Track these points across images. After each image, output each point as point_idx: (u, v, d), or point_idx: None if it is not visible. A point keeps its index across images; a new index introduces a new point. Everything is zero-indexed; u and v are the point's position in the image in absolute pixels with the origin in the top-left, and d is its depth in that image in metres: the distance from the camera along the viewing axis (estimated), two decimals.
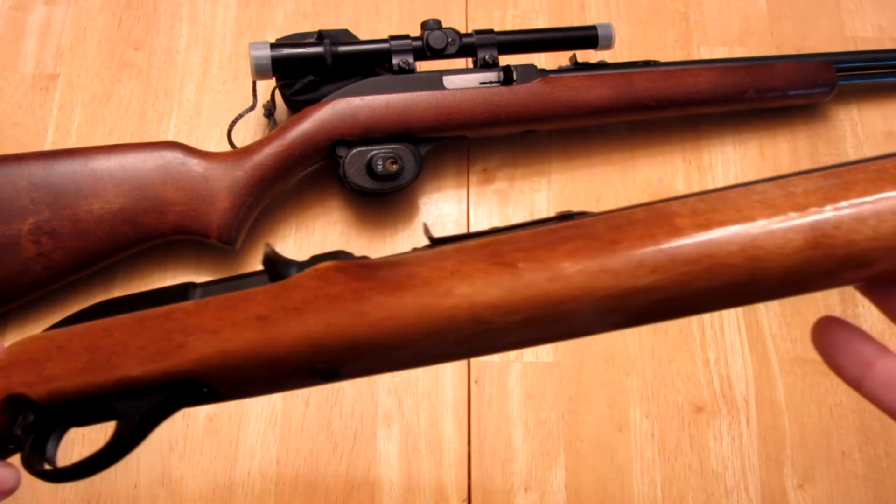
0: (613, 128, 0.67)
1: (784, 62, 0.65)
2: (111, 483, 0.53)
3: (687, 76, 0.62)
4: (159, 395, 0.31)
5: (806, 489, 0.55)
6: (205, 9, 0.69)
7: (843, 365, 0.31)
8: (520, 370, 0.58)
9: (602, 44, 0.62)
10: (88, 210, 0.54)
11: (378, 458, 0.55)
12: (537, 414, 0.56)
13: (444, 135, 0.60)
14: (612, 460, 0.56)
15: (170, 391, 0.31)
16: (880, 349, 0.30)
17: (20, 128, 0.64)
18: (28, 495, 0.52)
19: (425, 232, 0.31)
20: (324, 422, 0.55)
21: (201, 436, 0.55)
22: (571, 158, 0.66)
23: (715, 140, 0.67)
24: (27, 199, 0.54)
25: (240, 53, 0.67)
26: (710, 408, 0.57)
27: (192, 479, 0.54)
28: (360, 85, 0.58)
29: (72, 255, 0.54)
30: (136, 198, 0.55)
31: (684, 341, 0.59)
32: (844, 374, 0.31)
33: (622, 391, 0.57)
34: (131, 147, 0.57)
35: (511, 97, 0.59)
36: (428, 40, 0.60)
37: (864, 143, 0.68)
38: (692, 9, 0.73)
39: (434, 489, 0.54)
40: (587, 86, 0.61)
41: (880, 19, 0.73)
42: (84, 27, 0.68)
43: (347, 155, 0.58)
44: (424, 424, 0.56)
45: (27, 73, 0.66)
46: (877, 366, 0.30)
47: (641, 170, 0.66)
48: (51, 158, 0.55)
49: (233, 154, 0.57)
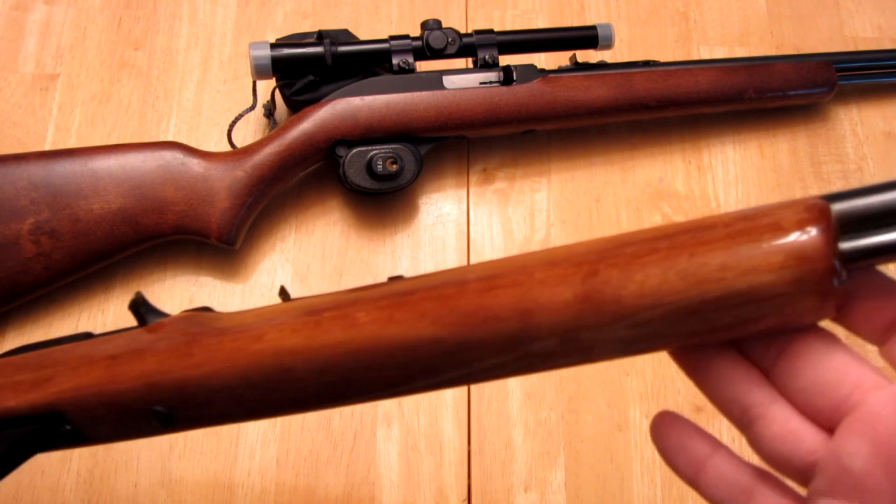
0: (613, 128, 0.67)
1: (784, 62, 0.65)
2: (111, 483, 0.53)
3: (687, 76, 0.62)
4: (27, 426, 0.32)
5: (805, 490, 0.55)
6: (205, 9, 0.69)
7: (678, 464, 0.31)
8: None
9: (602, 44, 0.62)
10: (88, 210, 0.54)
11: (378, 458, 0.55)
12: (537, 414, 0.56)
13: (443, 135, 0.60)
14: (612, 460, 0.56)
15: (36, 424, 0.32)
16: (712, 446, 0.30)
17: (20, 128, 0.64)
18: (28, 495, 0.52)
19: (280, 294, 0.34)
20: (324, 422, 0.55)
21: (201, 436, 0.55)
22: (571, 158, 0.66)
23: (715, 140, 0.67)
24: (27, 199, 0.54)
25: (240, 53, 0.67)
26: (710, 408, 0.57)
27: (192, 479, 0.54)
28: (360, 85, 0.58)
29: (72, 255, 0.54)
30: (136, 198, 0.55)
31: None
32: (680, 472, 0.31)
33: (622, 391, 0.57)
34: (131, 147, 0.57)
35: (511, 97, 0.59)
36: (428, 40, 0.60)
37: (863, 143, 0.68)
38: (692, 9, 0.73)
39: (434, 489, 0.54)
40: (587, 86, 0.61)
41: (880, 19, 0.73)
42: (84, 27, 0.68)
43: (347, 155, 0.58)
44: (424, 424, 0.56)
45: (27, 73, 0.66)
46: (707, 465, 0.30)
47: (641, 170, 0.66)
48: (51, 158, 0.55)
49: (233, 154, 0.57)
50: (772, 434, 0.28)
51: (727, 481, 0.29)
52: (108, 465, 0.53)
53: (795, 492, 0.29)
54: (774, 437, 0.28)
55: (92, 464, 0.53)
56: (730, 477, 0.29)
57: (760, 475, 0.29)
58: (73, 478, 0.53)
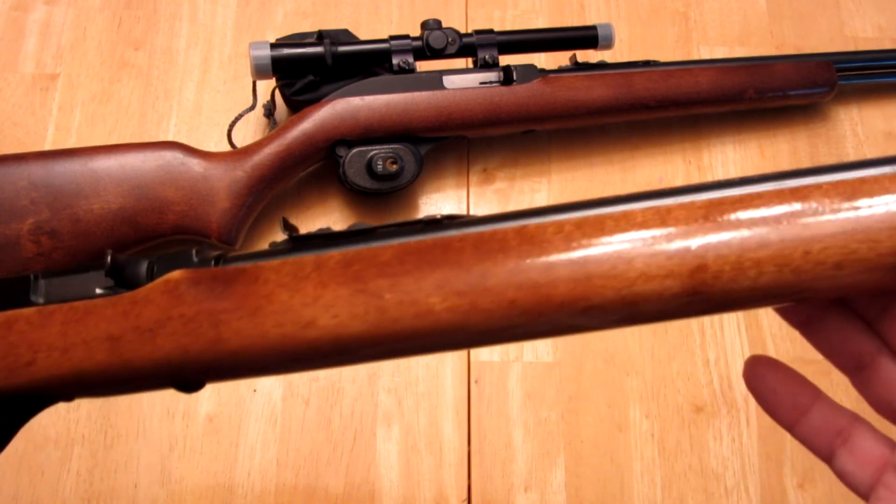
0: (613, 128, 0.67)
1: (784, 62, 0.65)
2: (111, 483, 0.53)
3: (687, 76, 0.62)
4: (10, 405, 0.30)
5: (806, 489, 0.55)
6: (205, 9, 0.69)
7: (778, 411, 0.31)
8: (520, 370, 0.58)
9: (602, 44, 0.62)
10: (88, 210, 0.54)
11: (378, 458, 0.55)
12: (537, 414, 0.56)
13: (444, 135, 0.60)
14: (612, 460, 0.56)
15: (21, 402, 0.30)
16: (815, 393, 0.31)
17: (20, 128, 0.64)
18: (28, 495, 0.52)
19: (284, 227, 0.30)
20: (324, 422, 0.55)
21: (201, 436, 0.55)
22: (571, 158, 0.66)
23: (715, 140, 0.67)
24: (27, 199, 0.54)
25: (240, 53, 0.67)
26: (709, 408, 0.57)
27: (192, 479, 0.54)
28: (360, 85, 0.58)
29: (72, 255, 0.54)
30: (136, 198, 0.55)
31: (684, 341, 0.59)
32: (778, 418, 0.31)
33: (622, 391, 0.57)
34: (131, 147, 0.57)
35: (511, 97, 0.59)
36: (428, 40, 0.59)
37: (864, 143, 0.68)
38: (692, 9, 0.73)
39: (434, 489, 0.54)
40: (587, 86, 0.61)
41: (880, 19, 0.73)
42: (84, 27, 0.68)
43: (347, 155, 0.58)
44: (424, 424, 0.56)
45: (27, 73, 0.66)
46: (811, 411, 0.31)
47: (641, 170, 0.66)
48: (51, 158, 0.55)
49: (233, 154, 0.57)
50: (880, 380, 0.29)
51: (825, 427, 0.30)
52: (108, 465, 0.53)
53: (887, 436, 0.30)
54: (882, 383, 0.29)
55: (92, 464, 0.53)
56: (828, 423, 0.30)
57: (856, 418, 0.30)
58: (73, 478, 0.53)
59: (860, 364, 0.30)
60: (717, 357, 0.59)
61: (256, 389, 0.56)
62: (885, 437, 0.30)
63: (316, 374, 0.57)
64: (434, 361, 0.57)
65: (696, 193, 0.27)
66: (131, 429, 0.54)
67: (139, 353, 0.28)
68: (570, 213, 0.28)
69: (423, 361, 0.57)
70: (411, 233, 0.29)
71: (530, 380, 0.57)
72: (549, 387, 0.57)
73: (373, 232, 0.29)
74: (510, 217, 0.28)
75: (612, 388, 0.57)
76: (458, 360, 0.58)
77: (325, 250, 0.29)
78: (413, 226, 0.29)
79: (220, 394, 0.56)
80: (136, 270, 0.29)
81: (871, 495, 0.29)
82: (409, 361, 0.57)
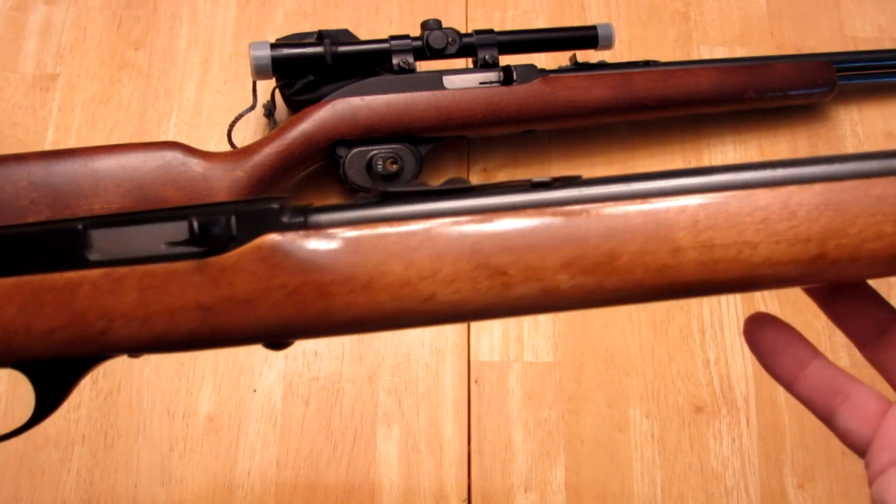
0: (613, 128, 0.67)
1: (784, 62, 0.65)
2: (111, 483, 0.53)
3: (687, 76, 0.62)
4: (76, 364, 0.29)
5: (806, 489, 0.55)
6: (205, 9, 0.69)
7: (777, 368, 0.32)
8: (520, 370, 0.58)
9: (602, 44, 0.62)
10: (89, 210, 0.54)
11: (378, 458, 0.55)
12: (537, 414, 0.56)
13: (444, 135, 0.60)
14: (612, 460, 0.56)
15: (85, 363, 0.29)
16: (813, 351, 0.32)
17: (20, 128, 0.64)
18: (28, 495, 0.52)
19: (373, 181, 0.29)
20: (324, 422, 0.55)
21: (201, 436, 0.55)
22: (571, 158, 0.66)
23: (715, 140, 0.67)
24: (27, 199, 0.54)
25: (240, 53, 0.67)
26: (710, 408, 0.57)
27: (192, 479, 0.54)
28: (360, 85, 0.58)
29: None
30: (137, 198, 0.55)
31: (684, 341, 0.59)
32: (777, 375, 0.32)
33: (622, 391, 0.57)
34: (131, 147, 0.57)
35: (511, 97, 0.59)
36: (428, 40, 0.60)
37: (864, 143, 0.68)
38: (692, 9, 0.73)
39: (434, 489, 0.54)
40: (587, 86, 0.61)
41: (880, 19, 0.73)
42: (84, 27, 0.68)
43: (347, 155, 0.58)
44: (424, 424, 0.56)
45: (27, 73, 0.66)
46: (809, 369, 0.31)
47: (641, 170, 0.65)
48: (51, 158, 0.55)
49: (233, 154, 0.57)
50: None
51: (825, 385, 0.31)
52: (108, 465, 0.53)
53: (884, 395, 0.31)
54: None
55: (92, 464, 0.53)
56: (828, 381, 0.31)
57: (853, 379, 0.31)
58: (73, 478, 0.53)
59: (879, 333, 0.31)
60: (717, 357, 0.59)
61: (256, 389, 0.56)
62: (884, 395, 0.31)
63: (316, 374, 0.57)
64: (434, 361, 0.58)
65: (807, 166, 0.28)
66: (131, 429, 0.55)
67: (235, 323, 0.27)
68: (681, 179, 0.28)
69: (423, 361, 0.57)
70: (519, 194, 0.28)
71: (530, 380, 0.57)
72: (549, 387, 0.57)
73: (473, 190, 0.28)
74: (621, 180, 0.28)
75: (612, 388, 0.57)
76: (459, 360, 0.58)
77: (422, 206, 0.27)
78: (520, 187, 0.28)
79: (220, 394, 0.56)
80: (215, 229, 0.27)
81: (870, 446, 0.30)
82: (410, 361, 0.57)
